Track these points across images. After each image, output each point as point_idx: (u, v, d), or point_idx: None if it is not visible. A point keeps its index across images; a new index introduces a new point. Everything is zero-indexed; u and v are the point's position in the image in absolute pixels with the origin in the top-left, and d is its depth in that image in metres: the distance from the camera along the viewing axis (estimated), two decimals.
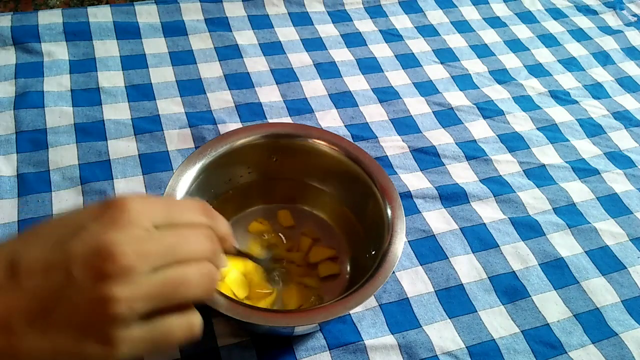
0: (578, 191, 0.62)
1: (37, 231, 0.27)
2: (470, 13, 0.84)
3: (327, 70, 0.70)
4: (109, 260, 0.25)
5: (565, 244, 0.57)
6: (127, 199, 0.27)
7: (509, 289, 0.52)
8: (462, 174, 0.61)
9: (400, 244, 0.44)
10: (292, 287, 0.48)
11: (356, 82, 0.70)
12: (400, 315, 0.49)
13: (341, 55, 0.73)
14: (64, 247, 0.26)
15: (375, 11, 0.81)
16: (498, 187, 0.61)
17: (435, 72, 0.73)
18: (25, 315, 0.25)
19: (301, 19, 0.77)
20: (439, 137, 0.65)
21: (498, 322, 0.50)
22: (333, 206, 0.53)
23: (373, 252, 0.45)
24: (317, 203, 0.53)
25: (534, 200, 0.60)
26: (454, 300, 0.51)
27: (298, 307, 0.47)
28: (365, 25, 0.78)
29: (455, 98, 0.70)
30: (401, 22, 0.80)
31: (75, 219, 0.27)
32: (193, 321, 0.29)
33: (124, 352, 0.26)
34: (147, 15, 0.72)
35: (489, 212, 0.58)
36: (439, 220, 0.57)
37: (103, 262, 0.25)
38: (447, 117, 0.68)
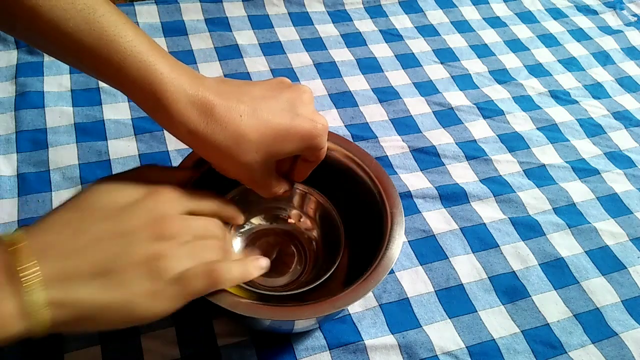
0: (578, 191, 0.62)
1: (91, 207, 0.34)
2: (470, 13, 0.84)
3: (327, 70, 0.70)
4: (166, 225, 0.34)
5: (565, 244, 0.57)
6: (160, 190, 0.36)
7: (509, 289, 0.52)
8: (462, 174, 0.61)
9: (399, 243, 0.44)
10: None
11: (356, 82, 0.70)
12: (400, 315, 0.49)
13: (341, 55, 0.73)
14: (124, 219, 0.34)
15: (375, 11, 0.81)
16: (498, 187, 0.61)
17: (435, 72, 0.73)
18: (92, 271, 0.31)
19: (301, 19, 0.77)
20: (439, 137, 0.65)
21: (498, 322, 0.50)
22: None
23: (372, 251, 0.45)
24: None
25: (534, 200, 0.60)
26: (454, 300, 0.51)
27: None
28: (365, 25, 0.78)
29: (455, 98, 0.70)
30: (401, 22, 0.80)
31: (119, 201, 0.35)
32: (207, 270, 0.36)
33: (159, 307, 0.33)
34: (147, 15, 0.72)
35: (489, 212, 0.58)
36: (439, 220, 0.57)
37: (160, 226, 0.34)
38: (447, 117, 0.68)
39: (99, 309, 0.31)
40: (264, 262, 0.40)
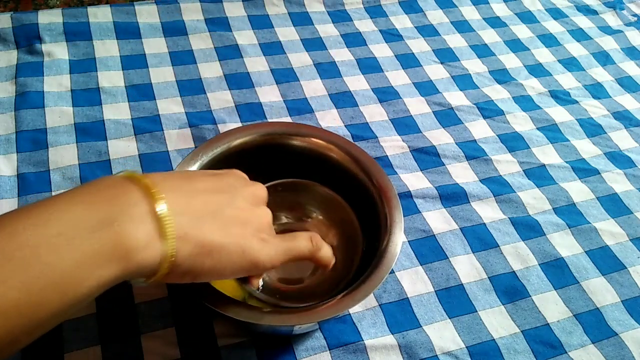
0: (578, 191, 0.62)
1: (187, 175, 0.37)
2: (470, 13, 0.84)
3: (327, 70, 0.70)
4: (256, 190, 0.39)
5: (565, 244, 0.57)
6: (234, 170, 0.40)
7: (509, 289, 0.52)
8: (462, 174, 0.61)
9: (398, 243, 0.44)
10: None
11: (356, 82, 0.70)
12: (400, 315, 0.49)
13: (341, 55, 0.73)
14: (223, 179, 0.37)
15: (375, 11, 0.81)
16: (498, 187, 0.61)
17: (435, 72, 0.73)
18: (208, 211, 0.33)
19: (301, 19, 0.77)
20: (439, 137, 0.65)
21: (498, 322, 0.50)
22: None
23: (371, 252, 0.45)
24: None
25: (534, 200, 0.60)
26: (454, 300, 0.51)
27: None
28: (365, 25, 0.78)
29: (455, 98, 0.70)
30: (401, 22, 0.80)
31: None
32: (304, 235, 0.40)
33: (272, 252, 0.36)
34: (147, 15, 0.72)
35: (489, 212, 0.58)
36: (439, 220, 0.57)
37: (253, 190, 0.38)
38: (447, 117, 0.68)
39: (218, 246, 0.33)
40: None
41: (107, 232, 0.28)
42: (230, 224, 0.34)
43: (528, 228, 0.57)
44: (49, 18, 0.68)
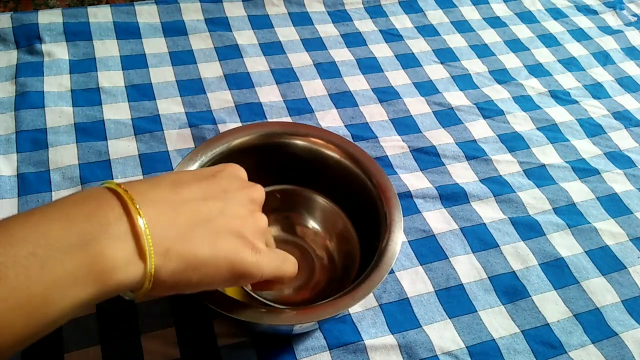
0: (578, 191, 0.62)
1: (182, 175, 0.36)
2: (470, 13, 0.84)
3: (327, 70, 0.70)
4: (253, 189, 0.37)
5: (565, 244, 0.57)
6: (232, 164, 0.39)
7: (509, 289, 0.52)
8: (462, 174, 0.61)
9: (398, 243, 0.44)
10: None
11: (356, 82, 0.70)
12: (400, 315, 0.49)
13: (341, 55, 0.73)
14: (217, 181, 0.36)
15: (375, 11, 0.81)
16: (498, 187, 0.61)
17: (435, 72, 0.73)
18: (196, 223, 0.32)
19: (301, 19, 0.77)
20: (439, 137, 0.65)
21: (498, 322, 0.50)
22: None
23: (371, 251, 0.45)
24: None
25: (534, 200, 0.60)
26: (454, 300, 0.51)
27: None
28: (365, 25, 0.78)
29: (455, 98, 0.70)
30: (401, 22, 0.80)
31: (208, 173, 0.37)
32: (293, 259, 0.39)
33: (264, 263, 0.34)
34: (147, 15, 0.72)
35: (489, 212, 0.58)
36: (439, 220, 0.57)
37: (250, 190, 0.37)
38: (447, 117, 0.68)
39: (205, 260, 0.31)
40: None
41: (83, 253, 0.26)
42: (221, 235, 0.32)
43: (528, 228, 0.57)
44: (49, 18, 0.68)
